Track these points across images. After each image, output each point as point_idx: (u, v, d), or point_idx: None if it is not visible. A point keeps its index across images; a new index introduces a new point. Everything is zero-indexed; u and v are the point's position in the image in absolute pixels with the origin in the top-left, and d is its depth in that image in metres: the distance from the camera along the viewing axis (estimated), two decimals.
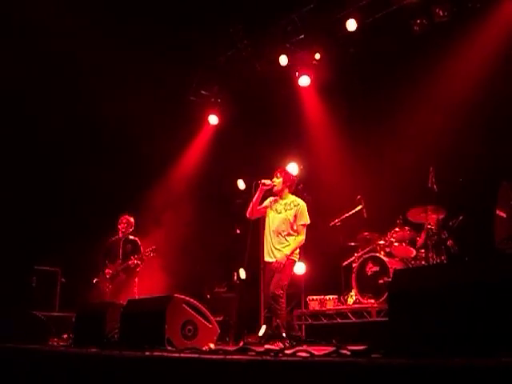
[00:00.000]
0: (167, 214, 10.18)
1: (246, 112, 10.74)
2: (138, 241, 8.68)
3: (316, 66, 9.65)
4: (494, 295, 3.18)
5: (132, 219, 8.80)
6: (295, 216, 6.52)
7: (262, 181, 6.66)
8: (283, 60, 9.58)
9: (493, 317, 3.15)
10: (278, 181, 6.71)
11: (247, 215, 6.80)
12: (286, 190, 6.75)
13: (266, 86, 10.21)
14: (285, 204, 6.66)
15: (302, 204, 6.65)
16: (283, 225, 6.54)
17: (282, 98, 10.17)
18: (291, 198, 6.73)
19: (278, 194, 6.76)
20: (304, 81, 9.74)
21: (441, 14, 8.24)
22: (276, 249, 6.50)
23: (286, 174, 6.80)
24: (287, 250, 6.43)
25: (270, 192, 6.85)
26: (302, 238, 6.52)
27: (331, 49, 9.46)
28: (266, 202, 6.83)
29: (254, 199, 6.70)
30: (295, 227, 6.52)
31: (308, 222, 6.57)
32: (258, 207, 6.78)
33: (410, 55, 8.73)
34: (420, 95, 8.51)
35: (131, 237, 8.71)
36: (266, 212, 6.79)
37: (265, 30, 9.65)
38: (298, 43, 9.47)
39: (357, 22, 8.73)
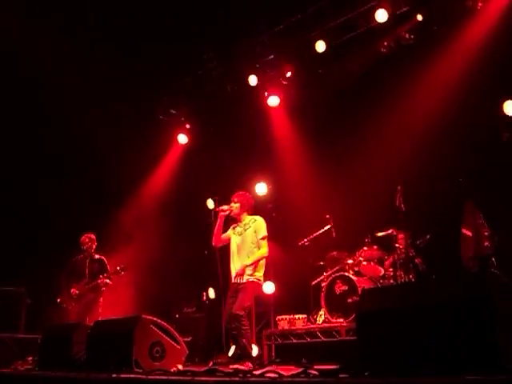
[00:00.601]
0: (136, 233, 10.11)
1: (216, 131, 10.76)
2: (105, 259, 8.55)
3: (285, 86, 9.73)
4: (460, 314, 3.22)
5: (94, 236, 8.66)
6: (255, 231, 6.57)
7: (220, 208, 6.71)
8: (252, 80, 9.65)
9: (459, 335, 3.18)
10: (235, 206, 6.76)
11: (212, 244, 6.85)
12: (245, 214, 6.80)
13: (236, 106, 10.25)
14: (244, 225, 6.71)
15: (259, 218, 6.71)
16: (246, 245, 6.57)
17: (252, 117, 10.21)
18: (249, 218, 6.79)
19: (237, 218, 6.81)
20: (273, 101, 9.80)
21: (407, 36, 8.42)
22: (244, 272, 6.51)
23: (243, 198, 6.84)
24: (248, 262, 6.45)
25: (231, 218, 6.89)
26: (263, 250, 6.53)
27: (300, 69, 9.55)
28: (229, 231, 6.86)
29: (216, 227, 6.75)
30: (257, 244, 6.56)
31: (266, 234, 6.59)
32: (222, 236, 6.81)
33: (378, 76, 8.86)
34: (388, 116, 8.62)
35: (97, 256, 8.56)
36: (229, 239, 6.83)
37: (234, 50, 9.72)
38: (267, 63, 9.55)
39: (325, 44, 8.84)
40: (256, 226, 6.63)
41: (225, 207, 6.73)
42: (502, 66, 7.48)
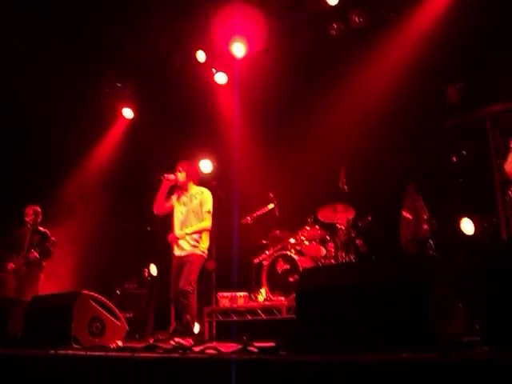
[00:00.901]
0: (79, 206, 9.94)
1: (162, 106, 10.61)
2: (48, 233, 8.34)
3: (233, 64, 9.68)
4: (397, 295, 3.30)
5: (39, 209, 8.44)
6: (200, 204, 6.57)
7: (165, 175, 6.65)
8: (201, 56, 9.56)
9: (396, 316, 3.27)
10: (180, 175, 6.71)
11: (154, 211, 6.79)
12: (191, 183, 6.77)
13: (183, 81, 10.14)
14: (190, 195, 6.69)
15: (207, 192, 6.71)
16: (191, 216, 6.57)
17: (199, 93, 10.13)
18: (196, 188, 6.76)
19: (183, 188, 6.77)
20: (220, 78, 9.75)
21: (356, 20, 8.47)
22: (188, 242, 6.51)
23: (189, 167, 6.80)
24: (189, 230, 6.47)
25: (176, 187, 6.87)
26: (206, 224, 6.56)
27: (249, 47, 9.50)
28: (173, 198, 6.82)
29: (159, 195, 6.70)
30: (202, 216, 6.58)
31: (211, 208, 6.61)
32: (165, 204, 6.77)
33: (326, 58, 8.90)
34: (334, 97, 8.69)
35: (41, 229, 8.35)
36: (172, 207, 6.78)
37: (183, 25, 9.58)
38: (216, 40, 9.46)
39: (275, 23, 8.82)
40: (203, 198, 6.62)
41: (170, 176, 6.68)
42: (448, 53, 7.64)
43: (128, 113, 10.79)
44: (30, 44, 9.08)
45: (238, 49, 9.33)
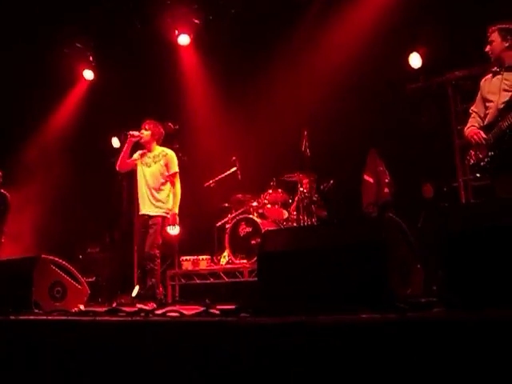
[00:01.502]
0: (39, 169, 9.79)
1: (124, 68, 10.39)
2: (8, 195, 8.20)
3: (197, 25, 9.51)
4: (358, 257, 3.34)
5: None
6: (166, 165, 6.57)
7: (130, 132, 6.61)
8: (163, 17, 9.37)
9: (357, 277, 3.31)
10: (146, 133, 6.68)
11: (117, 168, 6.78)
12: (154, 143, 6.74)
13: (145, 43, 9.93)
14: (153, 156, 6.67)
15: (171, 152, 6.71)
16: (155, 177, 6.56)
17: (161, 55, 9.94)
18: (159, 149, 6.75)
19: (147, 147, 6.74)
20: (183, 39, 9.59)
21: None
22: (152, 204, 6.51)
23: (154, 127, 6.77)
24: (169, 205, 6.49)
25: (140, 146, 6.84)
26: (178, 187, 6.59)
27: (213, 8, 9.35)
28: (135, 155, 6.79)
29: (123, 151, 6.66)
30: (167, 178, 6.57)
31: (177, 170, 6.63)
32: (128, 160, 6.74)
33: (290, 20, 8.81)
34: (298, 60, 8.67)
35: (2, 191, 8.20)
36: (135, 165, 6.75)
37: None
38: (178, 1, 9.27)
39: None
40: (167, 159, 6.61)
41: (135, 133, 6.65)
42: (412, 17, 7.64)
43: (88, 74, 10.58)
44: None
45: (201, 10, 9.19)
